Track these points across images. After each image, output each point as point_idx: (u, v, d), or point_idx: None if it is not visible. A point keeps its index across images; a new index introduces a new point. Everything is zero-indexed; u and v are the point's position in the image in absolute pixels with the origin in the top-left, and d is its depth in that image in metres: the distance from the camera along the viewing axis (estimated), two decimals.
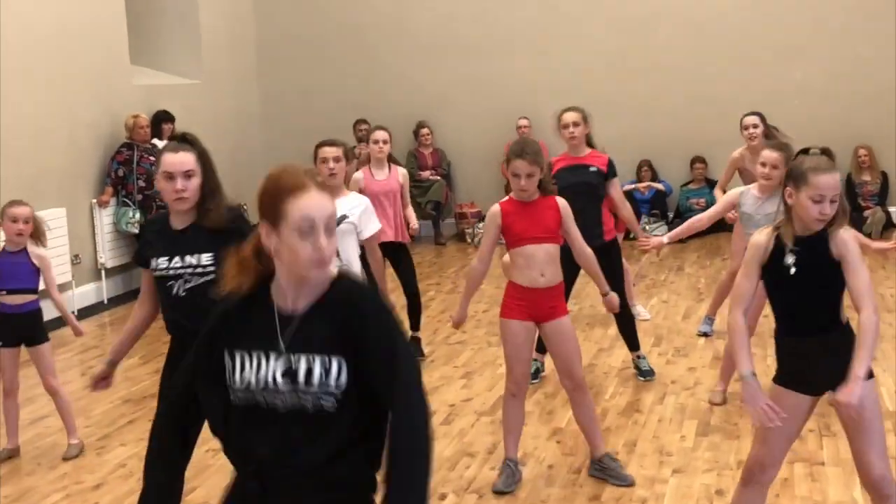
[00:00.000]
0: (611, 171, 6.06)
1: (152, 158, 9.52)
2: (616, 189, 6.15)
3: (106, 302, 9.28)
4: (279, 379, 2.33)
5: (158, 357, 7.31)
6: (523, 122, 11.56)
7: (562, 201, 4.65)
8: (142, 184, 9.42)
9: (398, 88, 12.17)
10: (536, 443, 5.30)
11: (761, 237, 3.51)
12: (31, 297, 5.29)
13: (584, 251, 4.76)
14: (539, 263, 4.62)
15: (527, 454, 5.11)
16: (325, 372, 2.30)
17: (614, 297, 4.91)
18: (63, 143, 8.99)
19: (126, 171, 9.41)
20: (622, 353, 6.63)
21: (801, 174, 3.41)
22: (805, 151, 3.51)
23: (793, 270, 3.43)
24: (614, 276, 5.69)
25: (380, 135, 6.75)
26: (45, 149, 8.69)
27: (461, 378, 6.50)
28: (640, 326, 6.76)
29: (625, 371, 6.37)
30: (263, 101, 12.61)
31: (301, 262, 2.31)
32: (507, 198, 4.72)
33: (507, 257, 5.01)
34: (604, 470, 4.76)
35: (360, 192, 6.52)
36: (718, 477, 4.73)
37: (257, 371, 2.35)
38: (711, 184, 11.49)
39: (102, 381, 4.15)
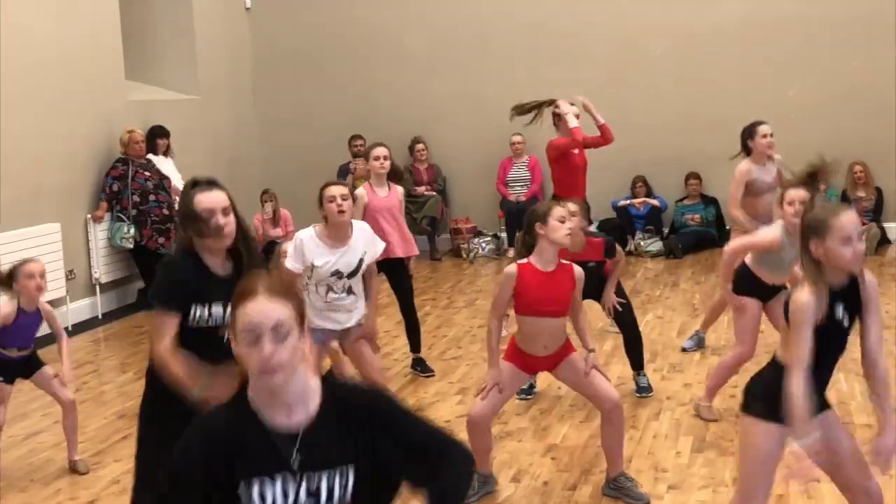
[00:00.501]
0: (609, 254, 5.91)
1: (147, 174, 9.56)
2: (610, 268, 6.01)
3: (100, 317, 9.25)
4: (303, 501, 2.28)
5: None
6: (517, 138, 11.59)
7: (578, 271, 4.59)
8: (136, 199, 9.40)
9: (394, 104, 12.20)
10: (531, 459, 5.30)
11: (808, 297, 3.33)
12: (27, 352, 5.32)
13: (579, 314, 4.73)
14: (543, 337, 4.60)
15: (521, 470, 5.12)
16: (344, 486, 2.29)
17: (594, 358, 4.72)
18: (58, 159, 9.00)
19: (121, 187, 9.40)
20: (618, 369, 6.63)
21: (820, 224, 3.33)
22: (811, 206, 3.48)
23: (846, 323, 3.38)
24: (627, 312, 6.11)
25: (380, 151, 6.69)
26: (40, 164, 8.68)
27: (456, 394, 6.50)
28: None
29: (620, 387, 6.33)
30: (260, 116, 12.64)
31: (250, 370, 2.26)
32: (525, 260, 4.57)
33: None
34: (619, 489, 4.75)
35: (364, 208, 6.53)
36: (714, 493, 4.72)
37: (283, 497, 2.27)
38: (706, 199, 11.56)
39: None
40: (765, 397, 3.44)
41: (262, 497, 2.25)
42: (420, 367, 6.87)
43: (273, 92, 12.57)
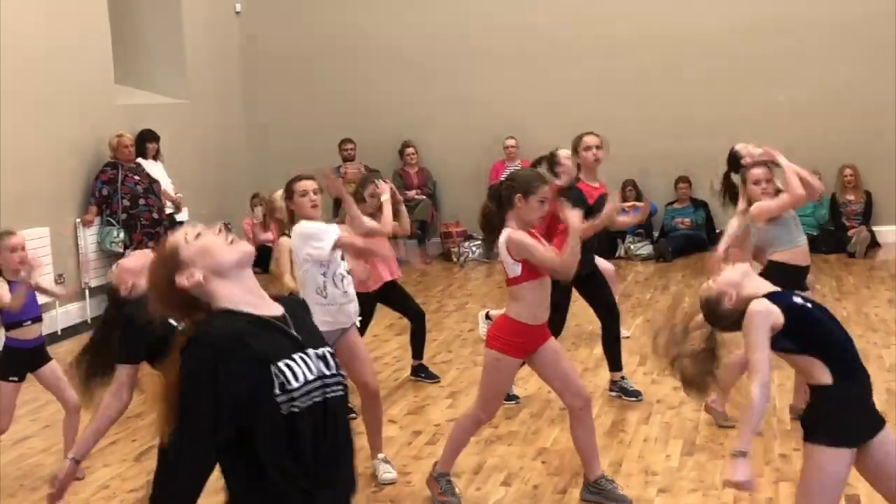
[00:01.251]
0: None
1: (136, 178, 9.51)
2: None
3: (90, 321, 9.19)
4: (325, 368, 2.46)
5: (143, 377, 7.28)
6: (510, 142, 11.61)
7: None
8: (126, 203, 9.38)
9: (383, 109, 12.18)
10: (522, 462, 5.30)
11: (764, 305, 3.36)
12: (40, 328, 5.33)
13: None
14: (546, 296, 4.54)
15: (512, 474, 5.12)
16: (332, 355, 2.52)
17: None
18: (48, 163, 8.96)
19: (110, 191, 9.36)
20: (608, 372, 6.62)
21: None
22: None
23: (810, 305, 3.41)
24: (607, 293, 6.31)
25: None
26: (29, 168, 8.65)
27: (447, 398, 6.49)
28: (625, 345, 6.73)
29: (610, 394, 6.37)
30: (249, 120, 12.61)
31: (230, 264, 2.50)
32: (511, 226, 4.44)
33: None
34: (600, 493, 4.72)
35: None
36: (704, 497, 4.73)
37: (307, 369, 2.42)
38: (695, 203, 11.59)
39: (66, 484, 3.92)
40: (825, 425, 3.35)
41: (293, 372, 2.39)
42: (424, 373, 6.82)
43: (262, 96, 12.56)
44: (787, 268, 5.35)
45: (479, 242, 11.72)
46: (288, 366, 2.38)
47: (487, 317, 7.60)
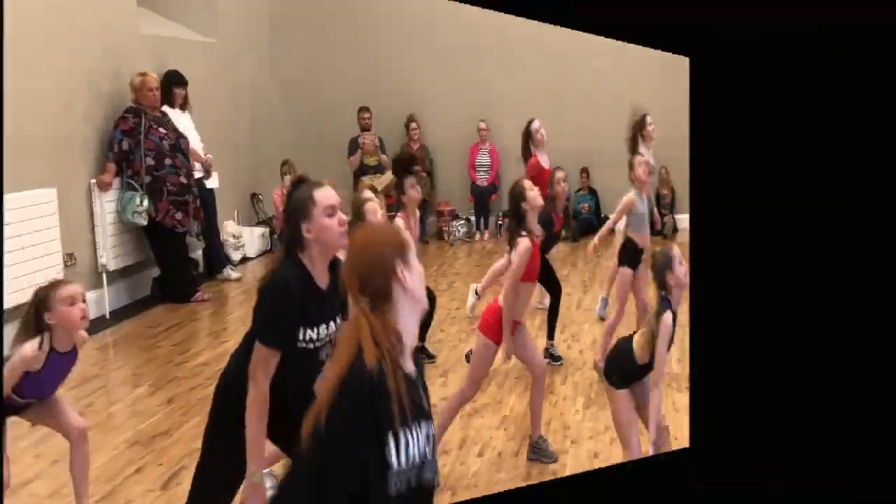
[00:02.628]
0: None
1: (162, 131, 7.99)
2: None
3: (108, 316, 7.59)
4: (427, 449, 2.21)
5: (170, 384, 6.32)
6: (482, 125, 12.13)
7: None
8: (150, 162, 7.83)
9: (393, 82, 12.33)
10: (491, 433, 5.64)
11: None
12: None
13: None
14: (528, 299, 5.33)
15: (484, 445, 5.46)
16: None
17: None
18: (53, 104, 7.14)
19: (132, 144, 7.85)
20: (542, 342, 7.14)
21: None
22: None
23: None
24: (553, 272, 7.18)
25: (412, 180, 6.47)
26: (29, 109, 6.77)
27: (440, 377, 6.63)
28: (542, 315, 7.35)
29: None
30: (276, 75, 12.08)
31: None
32: (524, 234, 5.15)
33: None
34: (539, 451, 5.28)
35: None
36: (595, 442, 5.43)
37: (417, 445, 2.18)
38: (591, 191, 12.52)
39: None
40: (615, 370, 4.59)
41: (407, 444, 2.22)
42: (422, 353, 6.87)
43: (289, 49, 12.23)
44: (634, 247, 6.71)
45: (462, 222, 11.90)
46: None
47: (476, 292, 8.15)
